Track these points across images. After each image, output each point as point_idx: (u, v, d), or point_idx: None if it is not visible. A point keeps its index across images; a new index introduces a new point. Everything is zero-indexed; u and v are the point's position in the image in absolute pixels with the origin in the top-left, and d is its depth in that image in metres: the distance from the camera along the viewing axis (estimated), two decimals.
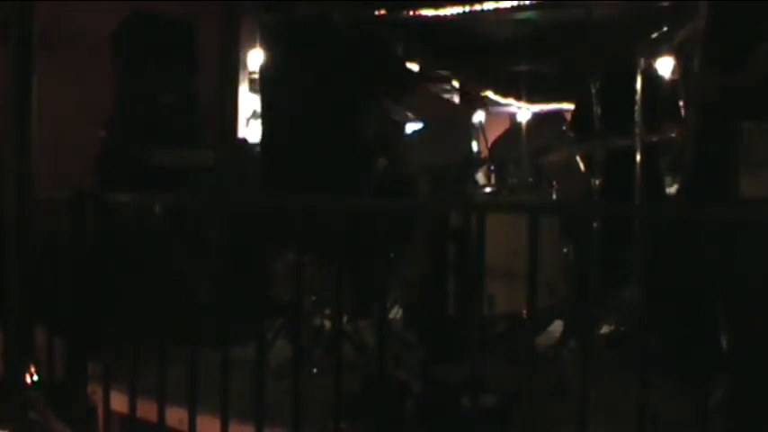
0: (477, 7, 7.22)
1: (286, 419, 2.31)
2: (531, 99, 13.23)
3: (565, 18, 6.85)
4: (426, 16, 7.56)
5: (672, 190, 3.86)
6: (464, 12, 7.31)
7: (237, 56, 5.60)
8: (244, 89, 5.63)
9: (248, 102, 5.59)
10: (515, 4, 7.16)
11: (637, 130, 3.32)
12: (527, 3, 7.20)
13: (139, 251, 2.64)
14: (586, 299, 3.14)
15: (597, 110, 3.50)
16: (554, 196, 3.44)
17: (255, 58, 6.01)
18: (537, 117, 8.43)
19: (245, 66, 5.75)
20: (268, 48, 3.46)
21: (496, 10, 7.20)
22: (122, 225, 2.73)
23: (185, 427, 2.49)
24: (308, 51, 3.19)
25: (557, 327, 3.53)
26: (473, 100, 4.00)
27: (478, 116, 3.91)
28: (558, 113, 5.24)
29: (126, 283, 2.72)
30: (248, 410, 2.36)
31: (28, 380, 2.70)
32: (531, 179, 3.52)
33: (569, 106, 5.19)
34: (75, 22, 4.16)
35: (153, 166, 3.89)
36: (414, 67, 5.95)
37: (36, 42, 2.71)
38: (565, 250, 3.38)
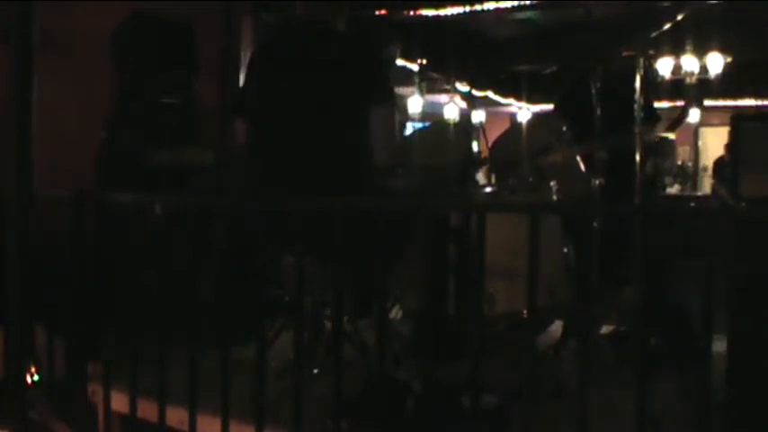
0: (478, 7, 7.22)
1: (286, 419, 2.31)
2: (531, 99, 13.30)
3: (565, 18, 6.86)
4: (426, 16, 7.57)
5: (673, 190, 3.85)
6: (464, 12, 7.32)
7: (238, 56, 5.60)
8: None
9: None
10: (515, 4, 7.16)
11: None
12: (527, 3, 7.21)
13: (139, 251, 2.64)
14: (586, 299, 3.15)
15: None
16: (554, 196, 3.44)
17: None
18: (537, 117, 8.46)
19: (245, 66, 5.74)
20: (266, 47, 3.46)
21: (496, 10, 7.20)
22: (122, 225, 2.72)
23: (185, 427, 2.49)
24: (305, 51, 3.19)
25: (557, 327, 3.53)
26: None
27: (478, 116, 3.91)
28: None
29: (126, 283, 2.72)
30: (248, 410, 2.36)
31: (28, 380, 2.70)
32: (530, 179, 3.52)
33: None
34: (75, 22, 4.16)
35: (153, 166, 3.89)
36: (414, 66, 5.95)
37: (36, 42, 2.72)
38: (565, 250, 3.38)
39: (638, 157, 3.19)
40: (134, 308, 2.67)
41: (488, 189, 3.84)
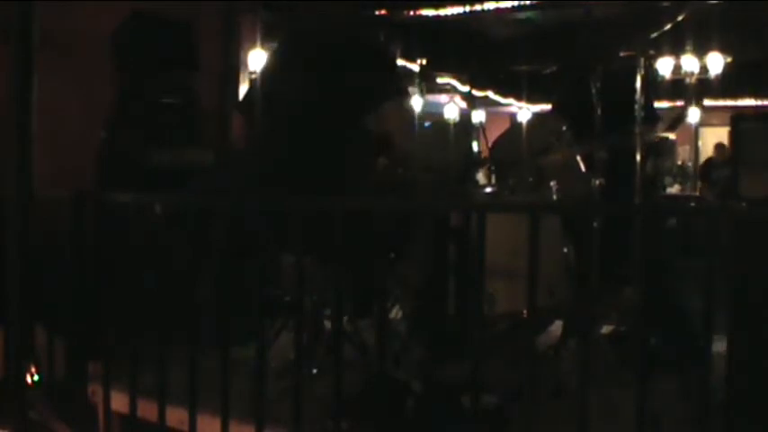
0: (478, 7, 7.23)
1: (286, 419, 2.31)
2: (531, 99, 13.28)
3: (565, 18, 6.86)
4: (426, 16, 7.57)
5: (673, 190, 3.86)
6: (464, 12, 7.32)
7: (237, 56, 5.61)
8: (244, 89, 5.63)
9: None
10: (515, 4, 7.17)
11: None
12: (527, 3, 7.21)
13: (139, 251, 2.64)
14: (586, 299, 3.14)
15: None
16: (554, 196, 3.44)
17: (255, 58, 6.03)
18: (537, 117, 8.46)
19: (245, 66, 5.75)
20: (267, 47, 3.47)
21: (496, 10, 7.21)
22: (122, 225, 2.73)
23: (185, 427, 2.49)
24: (307, 51, 3.20)
25: (557, 327, 3.53)
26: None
27: (478, 116, 3.92)
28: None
29: (126, 283, 2.72)
30: (248, 410, 2.36)
31: (28, 380, 2.70)
32: (530, 179, 3.52)
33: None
34: (75, 22, 4.16)
35: (153, 166, 3.89)
36: (414, 67, 5.96)
37: (36, 42, 2.72)
38: (565, 250, 3.38)
39: (638, 157, 3.19)
40: (134, 308, 2.67)
41: (488, 189, 3.84)
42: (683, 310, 3.34)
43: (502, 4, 7.16)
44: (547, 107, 7.23)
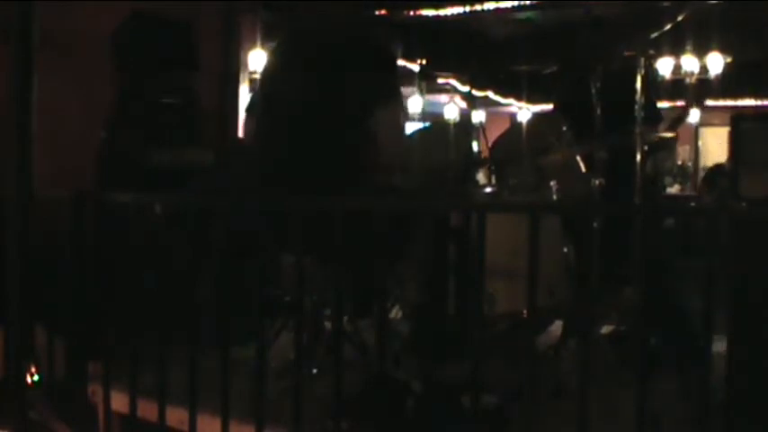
0: (478, 7, 7.24)
1: (286, 419, 2.31)
2: (531, 99, 13.28)
3: (565, 18, 6.87)
4: (426, 16, 7.58)
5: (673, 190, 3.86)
6: (464, 12, 7.33)
7: (237, 56, 5.61)
8: (244, 89, 5.64)
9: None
10: (515, 4, 7.18)
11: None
12: (527, 3, 7.22)
13: (139, 251, 2.64)
14: (586, 299, 3.15)
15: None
16: (554, 196, 3.44)
17: (255, 58, 6.03)
18: (537, 117, 8.46)
19: (245, 66, 5.76)
20: (267, 47, 3.47)
21: (496, 10, 7.21)
22: (122, 225, 2.73)
23: (185, 427, 2.49)
24: (307, 51, 3.20)
25: (557, 327, 3.53)
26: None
27: (478, 116, 3.91)
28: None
29: (126, 283, 2.72)
30: (248, 410, 2.36)
31: (28, 380, 2.70)
32: (530, 179, 3.52)
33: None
34: (75, 22, 4.16)
35: (153, 166, 3.89)
36: (414, 66, 5.96)
37: (36, 42, 2.72)
38: (565, 250, 3.38)
39: (638, 157, 3.19)
40: (134, 308, 2.67)
41: (488, 189, 3.84)
42: (683, 310, 3.34)
43: (502, 4, 7.17)
44: (547, 107, 7.22)
